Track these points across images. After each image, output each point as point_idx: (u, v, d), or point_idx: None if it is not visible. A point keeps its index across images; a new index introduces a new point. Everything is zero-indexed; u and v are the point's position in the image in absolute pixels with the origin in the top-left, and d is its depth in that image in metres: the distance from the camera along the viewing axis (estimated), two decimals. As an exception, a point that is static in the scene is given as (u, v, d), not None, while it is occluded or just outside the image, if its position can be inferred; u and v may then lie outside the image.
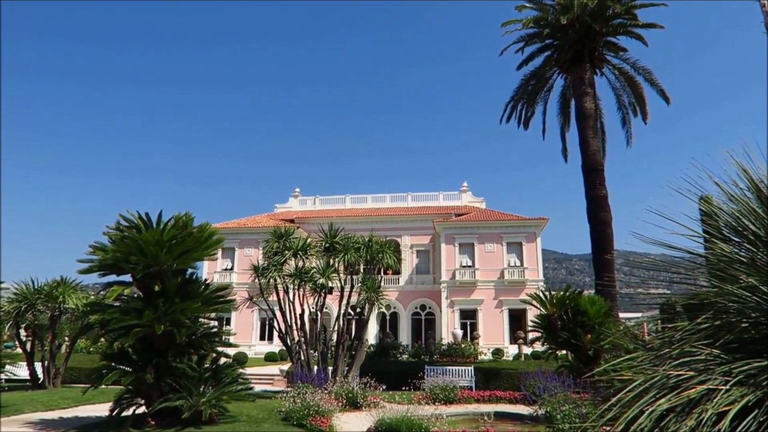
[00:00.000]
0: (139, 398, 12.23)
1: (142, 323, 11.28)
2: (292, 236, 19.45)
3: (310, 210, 49.47)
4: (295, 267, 18.74)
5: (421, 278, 43.61)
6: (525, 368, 19.77)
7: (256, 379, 22.85)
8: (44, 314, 20.98)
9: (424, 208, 47.26)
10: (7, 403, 15.43)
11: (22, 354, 21.22)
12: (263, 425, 11.59)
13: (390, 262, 19.27)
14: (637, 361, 3.81)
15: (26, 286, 20.20)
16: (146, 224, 12.40)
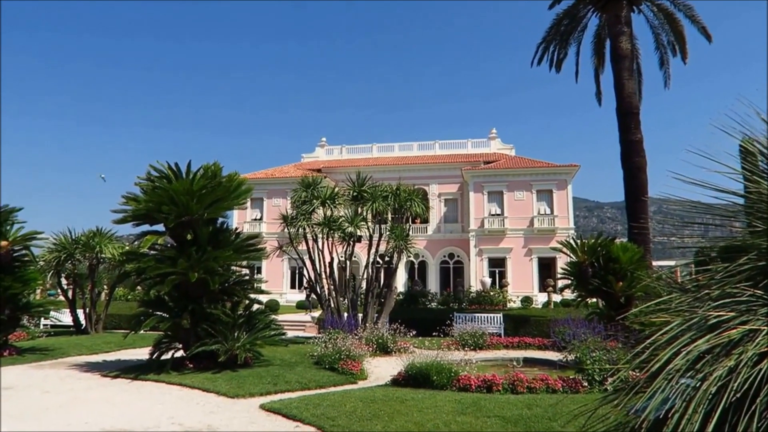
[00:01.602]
0: (176, 343, 12.69)
1: (176, 271, 11.56)
2: (320, 185, 19.48)
3: (337, 159, 49.42)
4: (323, 216, 18.85)
5: (449, 227, 43.59)
6: (554, 315, 19.81)
7: (288, 325, 23.43)
8: (83, 264, 21.71)
9: (452, 156, 46.75)
10: (54, 346, 16.20)
11: (65, 301, 22.13)
12: (296, 368, 11.92)
13: (418, 210, 19.22)
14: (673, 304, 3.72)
15: (64, 237, 20.85)
16: (176, 174, 12.53)
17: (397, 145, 49.47)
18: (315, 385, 10.50)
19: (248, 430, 7.35)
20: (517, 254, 39.23)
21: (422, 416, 7.40)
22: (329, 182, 32.34)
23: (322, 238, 19.05)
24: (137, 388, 10.59)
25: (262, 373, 11.28)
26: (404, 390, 9.51)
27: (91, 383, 11.12)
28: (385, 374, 11.76)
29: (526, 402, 8.29)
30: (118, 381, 11.31)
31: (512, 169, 40.55)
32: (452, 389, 9.70)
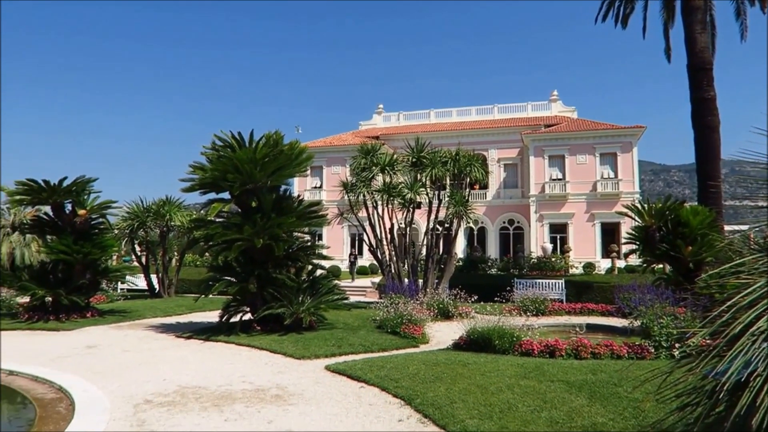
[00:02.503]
0: (244, 306, 13.20)
1: (242, 237, 11.95)
2: (379, 152, 19.50)
3: (394, 126, 49.18)
4: (382, 183, 18.92)
5: (509, 192, 42.84)
6: (618, 281, 19.29)
7: (349, 290, 23.91)
8: (154, 231, 22.78)
9: (511, 120, 45.61)
10: (131, 309, 17.21)
11: (139, 267, 23.36)
12: (359, 332, 12.19)
13: (478, 175, 18.97)
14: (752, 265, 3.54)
15: (137, 206, 21.90)
16: (239, 143, 12.84)
17: (455, 110, 48.67)
18: (378, 348, 10.71)
19: (315, 390, 7.61)
20: (579, 220, 38.22)
21: (485, 379, 7.44)
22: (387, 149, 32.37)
23: (382, 204, 19.16)
24: (209, 348, 11.14)
25: (326, 335, 11.61)
26: (466, 354, 9.57)
27: (166, 343, 11.78)
28: (446, 338, 11.84)
29: (590, 367, 8.18)
30: (191, 342, 11.92)
31: (574, 132, 39.16)
32: (514, 354, 9.67)
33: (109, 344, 11.59)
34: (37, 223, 16.49)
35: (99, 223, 16.40)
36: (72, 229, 15.28)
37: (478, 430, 5.52)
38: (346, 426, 5.98)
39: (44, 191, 14.88)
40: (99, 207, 15.95)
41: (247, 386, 7.86)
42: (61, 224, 15.51)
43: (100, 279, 16.80)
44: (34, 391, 7.82)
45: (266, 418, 6.28)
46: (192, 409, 6.67)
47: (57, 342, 11.95)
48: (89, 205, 15.62)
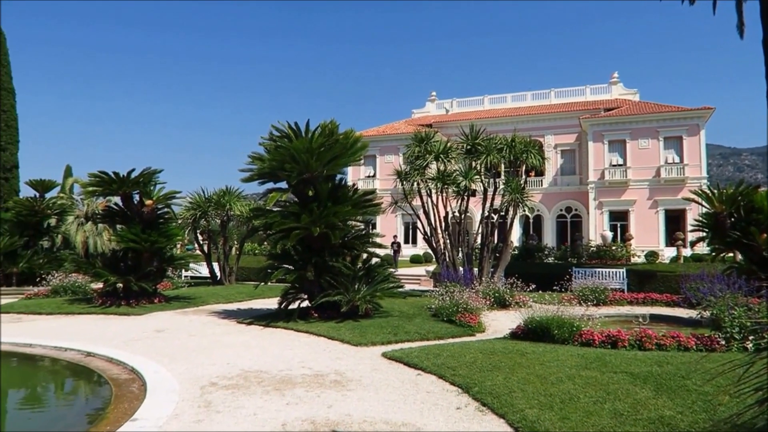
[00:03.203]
0: (302, 293, 13.48)
1: (300, 226, 12.18)
2: (433, 140, 19.39)
3: (448, 114, 48.76)
4: (436, 170, 18.82)
5: (567, 179, 41.79)
6: (685, 270, 18.53)
7: (404, 279, 23.99)
8: (215, 220, 23.53)
9: (568, 104, 44.36)
10: (194, 295, 17.88)
11: (201, 255, 24.21)
12: (415, 320, 12.23)
13: (534, 161, 18.58)
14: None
15: (199, 196, 22.67)
16: (296, 133, 13.05)
17: (510, 95, 47.76)
18: (433, 336, 10.73)
19: (373, 376, 7.71)
20: (641, 206, 36.89)
21: (544, 369, 7.33)
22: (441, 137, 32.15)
23: (436, 192, 19.08)
24: (269, 334, 11.45)
25: (382, 323, 11.71)
26: (524, 343, 9.45)
27: (228, 329, 12.19)
28: (503, 327, 11.74)
29: (655, 359, 7.92)
30: (252, 327, 12.29)
31: (636, 115, 37.67)
32: (574, 344, 9.47)
33: (175, 329, 12.10)
34: (108, 213, 17.35)
35: (164, 213, 17.09)
36: (140, 219, 15.99)
37: (539, 419, 5.45)
38: (405, 413, 6.03)
39: (114, 182, 15.61)
40: (164, 197, 16.61)
41: (307, 371, 8.04)
42: (130, 214, 16.25)
43: (166, 266, 17.53)
44: (109, 372, 8.27)
45: (326, 403, 6.41)
46: (255, 392, 6.89)
47: (128, 326, 12.58)
48: (155, 196, 16.29)
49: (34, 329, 12.12)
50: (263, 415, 5.97)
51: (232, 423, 5.72)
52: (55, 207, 24.23)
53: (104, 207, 20.06)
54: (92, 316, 14.24)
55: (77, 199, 31.05)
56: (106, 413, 6.32)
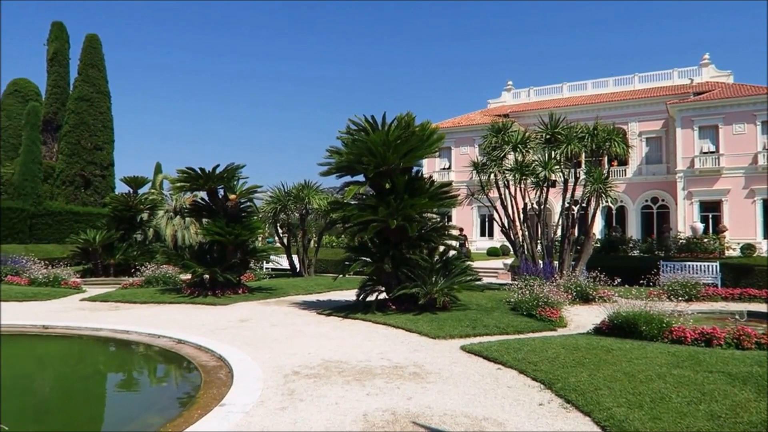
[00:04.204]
0: (379, 286, 13.61)
1: (377, 218, 12.28)
2: (510, 130, 18.98)
3: (525, 103, 47.56)
4: (514, 161, 18.41)
5: (652, 168, 39.72)
6: (787, 264, 17.15)
7: (481, 272, 23.70)
8: (294, 214, 24.18)
9: (654, 89, 42.06)
10: (275, 287, 18.47)
11: (281, 248, 24.98)
12: (493, 313, 12.05)
13: (618, 150, 17.76)
14: None
15: (279, 190, 23.38)
16: (373, 126, 13.15)
17: (590, 82, 45.90)
18: (513, 330, 10.53)
19: (452, 369, 7.66)
20: (735, 196, 34.47)
21: (632, 367, 7.01)
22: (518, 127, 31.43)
23: (514, 183, 18.67)
24: (348, 325, 11.64)
25: (460, 316, 11.62)
26: (609, 339, 9.08)
27: (308, 319, 12.50)
28: (585, 323, 11.34)
29: (755, 359, 7.38)
30: (331, 318, 12.54)
31: (730, 98, 35.13)
32: (663, 341, 9.00)
33: (258, 319, 12.55)
34: (195, 207, 18.23)
35: (247, 207, 17.76)
36: (224, 213, 16.69)
37: (627, 419, 5.22)
38: (485, 407, 5.95)
39: (200, 178, 16.37)
40: (247, 192, 17.26)
41: (386, 363, 8.11)
42: (215, 208, 17.00)
43: (249, 258, 18.21)
44: (198, 359, 8.69)
45: (405, 395, 6.43)
46: (336, 382, 7.03)
47: (214, 315, 13.18)
48: (238, 190, 16.96)
49: (130, 317, 12.94)
50: (344, 404, 6.08)
51: (315, 411, 5.85)
52: (146, 202, 25.75)
53: (191, 202, 21.12)
54: (181, 305, 15.04)
55: (166, 195, 32.88)
56: (197, 398, 6.64)
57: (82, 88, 38.44)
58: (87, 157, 38.03)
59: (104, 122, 39.25)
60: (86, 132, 37.93)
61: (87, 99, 38.26)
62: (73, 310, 14.34)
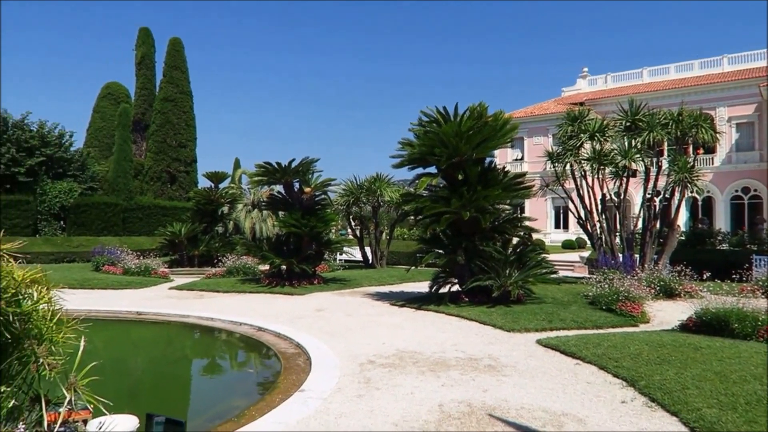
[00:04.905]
0: (452, 278, 13.56)
1: (450, 210, 12.23)
2: (587, 118, 18.32)
3: (601, 90, 45.64)
4: (591, 150, 17.77)
5: (743, 156, 37.11)
6: None
7: (556, 265, 23.07)
8: (367, 206, 24.48)
9: (745, 71, 39.17)
10: (349, 278, 18.80)
11: (354, 240, 25.36)
12: (570, 307, 11.73)
13: (706, 137, 16.74)
14: None
15: (351, 183, 23.73)
16: (445, 117, 13.08)
17: (673, 66, 43.38)
18: (591, 324, 10.22)
19: (528, 363, 7.55)
20: (841, 185, 31.68)
21: (723, 366, 6.63)
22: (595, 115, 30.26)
23: (591, 174, 18.02)
24: (421, 316, 11.69)
25: (536, 309, 11.39)
26: (696, 337, 8.63)
27: (382, 310, 12.66)
28: (670, 319, 10.82)
29: None
30: (404, 309, 12.64)
31: (836, 78, 32.27)
32: (758, 340, 8.45)
33: (333, 308, 12.84)
34: (272, 200, 18.85)
35: (321, 199, 18.17)
36: (300, 205, 17.15)
37: (719, 420, 4.96)
38: (564, 402, 5.83)
39: (277, 172, 16.89)
40: (321, 185, 17.65)
41: (460, 354, 8.10)
42: (291, 201, 17.51)
43: (324, 250, 18.63)
44: (278, 346, 9.02)
45: (481, 387, 6.41)
46: (410, 372, 7.09)
47: (291, 304, 13.60)
48: (313, 183, 17.36)
49: (213, 305, 13.59)
50: (420, 394, 6.13)
51: (390, 400, 5.94)
52: (227, 196, 26.85)
53: (268, 195, 21.81)
54: (260, 294, 15.61)
55: (245, 189, 34.13)
56: (277, 383, 6.91)
57: (166, 89, 40.60)
58: (172, 154, 40.19)
59: (187, 121, 41.28)
60: (171, 131, 40.08)
61: (171, 99, 40.37)
62: (163, 297, 15.22)
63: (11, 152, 28.97)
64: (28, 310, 3.10)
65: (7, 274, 3.04)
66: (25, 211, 29.17)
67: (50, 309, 3.26)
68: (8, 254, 3.12)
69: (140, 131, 43.52)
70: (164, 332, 11.77)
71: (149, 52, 44.19)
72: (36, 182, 29.91)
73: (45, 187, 30.05)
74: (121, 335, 11.74)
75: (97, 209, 31.44)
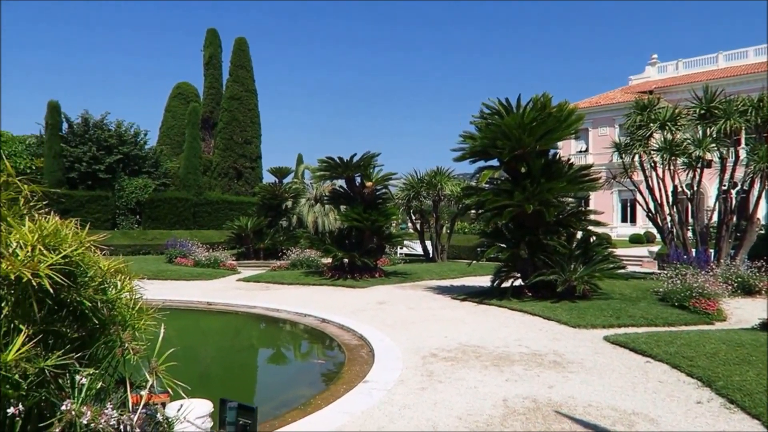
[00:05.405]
0: (515, 272, 13.36)
1: (512, 203, 12.04)
2: (657, 107, 17.54)
3: (672, 77, 43.49)
4: (662, 140, 17.01)
5: (834, 144, 34.50)
6: None
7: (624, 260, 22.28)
8: (427, 200, 24.44)
9: (837, 52, 36.35)
10: (410, 271, 18.86)
11: (414, 233, 25.38)
12: (639, 304, 11.33)
13: (790, 124, 15.67)
14: None
15: (412, 177, 23.75)
16: (507, 109, 12.87)
17: (752, 49, 40.74)
18: (662, 322, 9.83)
19: (595, 360, 7.36)
20: None
21: (809, 367, 6.25)
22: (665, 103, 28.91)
23: (662, 165, 17.26)
24: (483, 311, 11.60)
25: (602, 305, 11.07)
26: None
27: (443, 303, 12.64)
28: (749, 317, 10.27)
29: None
30: (466, 303, 12.57)
31: None
32: None
33: (395, 301, 12.93)
34: (334, 194, 19.14)
35: (383, 194, 18.30)
36: (361, 199, 17.34)
37: (805, 425, 4.68)
38: (634, 401, 5.65)
39: (339, 167, 17.14)
40: (382, 179, 17.77)
41: (524, 350, 7.99)
42: (353, 195, 17.73)
43: (385, 243, 18.76)
44: (341, 337, 9.18)
45: (546, 383, 6.30)
46: (473, 366, 7.06)
47: (354, 297, 13.79)
48: (374, 178, 17.50)
49: (279, 296, 13.97)
50: (483, 389, 6.10)
51: (454, 393, 5.95)
52: (290, 191, 27.47)
53: (330, 189, 22.14)
54: (323, 287, 15.92)
55: (308, 184, 34.81)
56: (341, 374, 7.05)
57: (233, 87, 41.88)
58: (238, 150, 41.48)
59: (252, 118, 42.47)
60: (237, 128, 41.36)
61: (237, 98, 41.62)
62: (231, 289, 15.79)
63: (92, 151, 30.70)
64: (113, 297, 3.30)
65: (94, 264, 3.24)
66: (105, 206, 30.86)
67: (132, 297, 3.46)
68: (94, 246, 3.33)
69: (208, 129, 45.09)
70: (232, 322, 12.21)
71: (216, 53, 45.63)
72: (114, 179, 31.57)
73: (122, 184, 31.68)
74: (192, 324, 12.27)
75: (170, 204, 32.89)
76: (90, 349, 3.17)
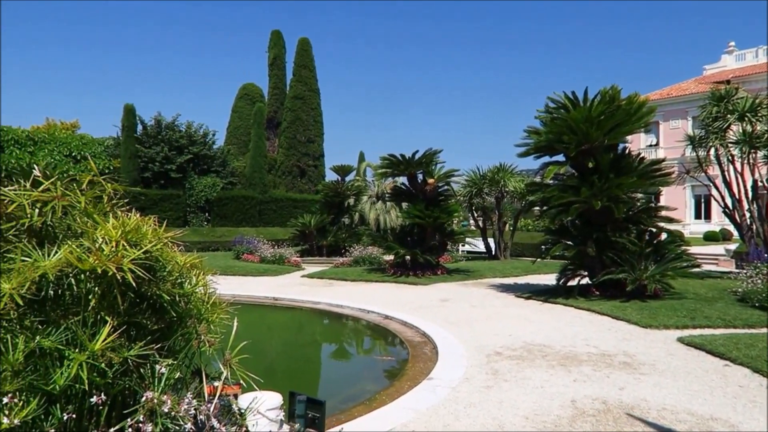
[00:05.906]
0: (581, 270, 13.00)
1: (579, 200, 11.72)
2: (735, 97, 16.59)
3: (752, 65, 40.90)
4: (741, 132, 16.09)
5: None
6: None
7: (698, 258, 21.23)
8: (490, 197, 24.13)
9: None
10: (472, 269, 18.71)
11: (477, 231, 25.13)
12: (715, 304, 10.78)
13: None
14: None
15: (474, 173, 23.52)
16: (573, 103, 12.53)
17: None
18: (742, 323, 9.31)
19: (668, 362, 7.07)
20: None
21: None
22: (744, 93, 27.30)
23: (741, 158, 16.34)
24: (548, 309, 11.36)
25: (675, 305, 10.61)
26: None
27: (507, 302, 12.46)
28: (840, 319, 9.57)
29: None
30: (530, 302, 12.34)
31: None
32: None
33: (458, 299, 12.86)
34: (396, 192, 19.23)
35: (444, 190, 18.23)
36: (423, 196, 17.34)
37: None
38: (712, 405, 5.39)
39: (401, 164, 17.20)
40: (444, 176, 17.70)
41: (592, 350, 7.77)
42: (414, 192, 17.74)
43: (447, 240, 18.69)
44: (404, 334, 9.23)
45: (616, 384, 6.12)
46: (539, 366, 6.94)
47: (416, 294, 13.82)
48: (436, 174, 17.46)
49: (342, 293, 14.18)
50: (550, 389, 5.99)
51: (520, 392, 5.87)
52: (353, 188, 27.80)
53: (392, 187, 22.25)
54: (386, 284, 16.03)
55: (369, 181, 35.14)
56: (405, 370, 7.08)
57: (296, 87, 42.83)
58: (302, 149, 42.40)
59: (315, 117, 43.27)
60: (301, 127, 42.26)
61: (301, 97, 42.53)
62: (296, 285, 16.17)
63: (164, 151, 32.17)
64: (189, 291, 3.46)
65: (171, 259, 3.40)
66: (177, 204, 32.27)
67: (206, 292, 3.61)
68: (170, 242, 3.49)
69: (273, 128, 46.26)
70: (297, 317, 12.50)
71: (280, 53, 46.73)
72: (185, 178, 32.96)
73: (192, 182, 33.03)
74: (259, 319, 12.64)
75: (237, 202, 34.01)
76: (168, 340, 3.33)
